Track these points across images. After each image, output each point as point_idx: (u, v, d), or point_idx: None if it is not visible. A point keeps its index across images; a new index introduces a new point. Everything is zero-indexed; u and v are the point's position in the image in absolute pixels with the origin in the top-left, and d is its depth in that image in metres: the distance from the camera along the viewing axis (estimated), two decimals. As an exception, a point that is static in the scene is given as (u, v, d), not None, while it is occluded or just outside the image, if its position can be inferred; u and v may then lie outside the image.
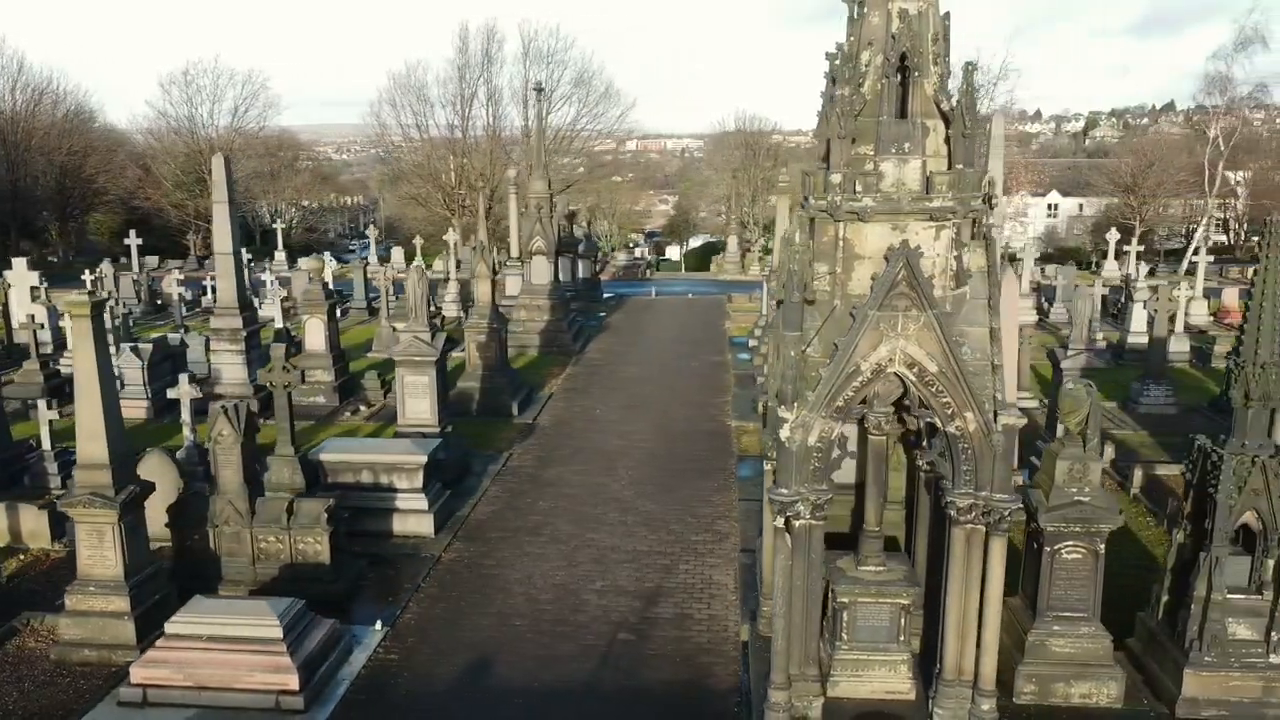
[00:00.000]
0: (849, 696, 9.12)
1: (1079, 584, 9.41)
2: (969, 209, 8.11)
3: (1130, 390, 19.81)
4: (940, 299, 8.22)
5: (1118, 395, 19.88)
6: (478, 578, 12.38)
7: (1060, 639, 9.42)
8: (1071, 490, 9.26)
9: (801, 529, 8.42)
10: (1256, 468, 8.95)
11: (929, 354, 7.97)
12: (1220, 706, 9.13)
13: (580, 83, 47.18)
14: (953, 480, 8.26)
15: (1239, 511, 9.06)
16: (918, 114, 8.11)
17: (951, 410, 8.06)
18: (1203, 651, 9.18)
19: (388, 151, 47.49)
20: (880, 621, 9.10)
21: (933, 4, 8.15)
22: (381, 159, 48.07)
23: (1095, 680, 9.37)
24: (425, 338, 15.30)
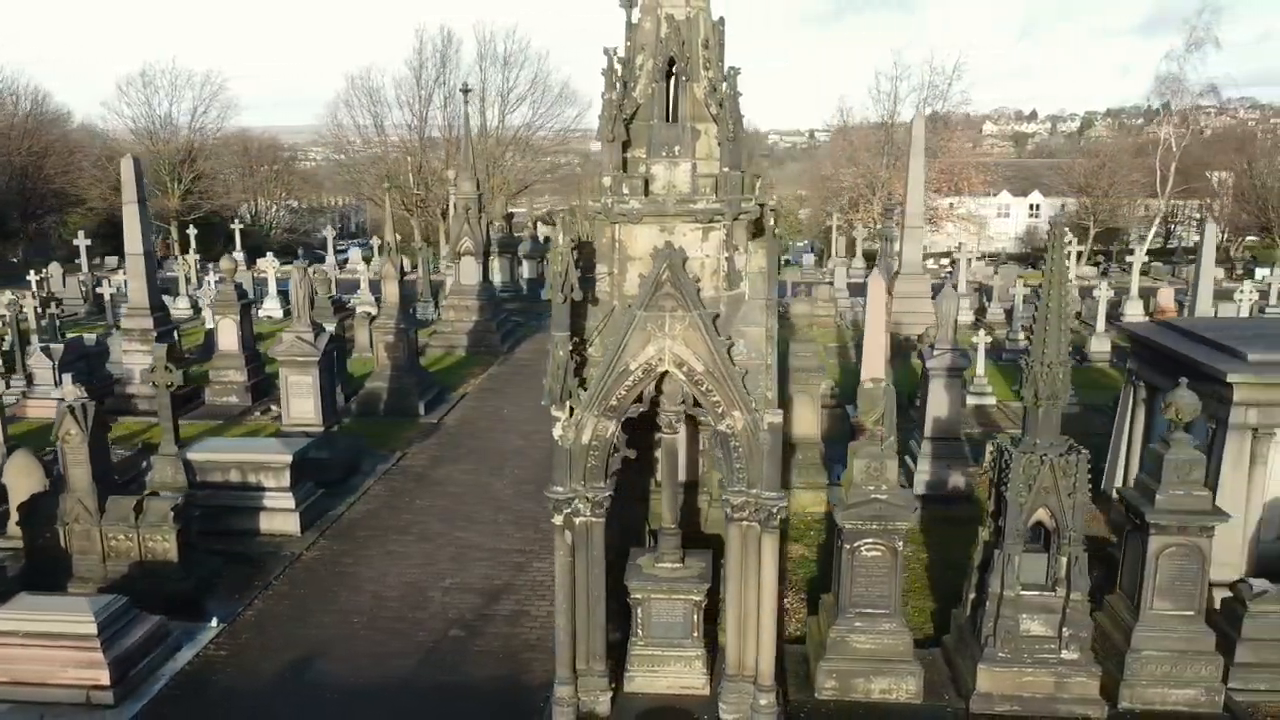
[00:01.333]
0: (644, 691, 9.25)
1: (879, 581, 9.53)
2: (739, 211, 8.24)
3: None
4: (713, 299, 8.37)
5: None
6: (331, 575, 12.51)
7: (861, 635, 9.54)
8: (869, 488, 9.37)
9: (582, 526, 8.56)
10: (1046, 466, 9.07)
11: (695, 354, 8.11)
12: (1013, 702, 9.25)
13: (535, 84, 47.36)
14: (727, 478, 8.40)
15: (1030, 509, 9.17)
16: (688, 118, 8.24)
17: (721, 409, 8.20)
18: (996, 648, 9.31)
19: (343, 152, 47.61)
20: (674, 618, 9.22)
21: (704, 10, 8.29)
22: (339, 160, 48.23)
23: (895, 676, 9.49)
24: (308, 338, 15.42)
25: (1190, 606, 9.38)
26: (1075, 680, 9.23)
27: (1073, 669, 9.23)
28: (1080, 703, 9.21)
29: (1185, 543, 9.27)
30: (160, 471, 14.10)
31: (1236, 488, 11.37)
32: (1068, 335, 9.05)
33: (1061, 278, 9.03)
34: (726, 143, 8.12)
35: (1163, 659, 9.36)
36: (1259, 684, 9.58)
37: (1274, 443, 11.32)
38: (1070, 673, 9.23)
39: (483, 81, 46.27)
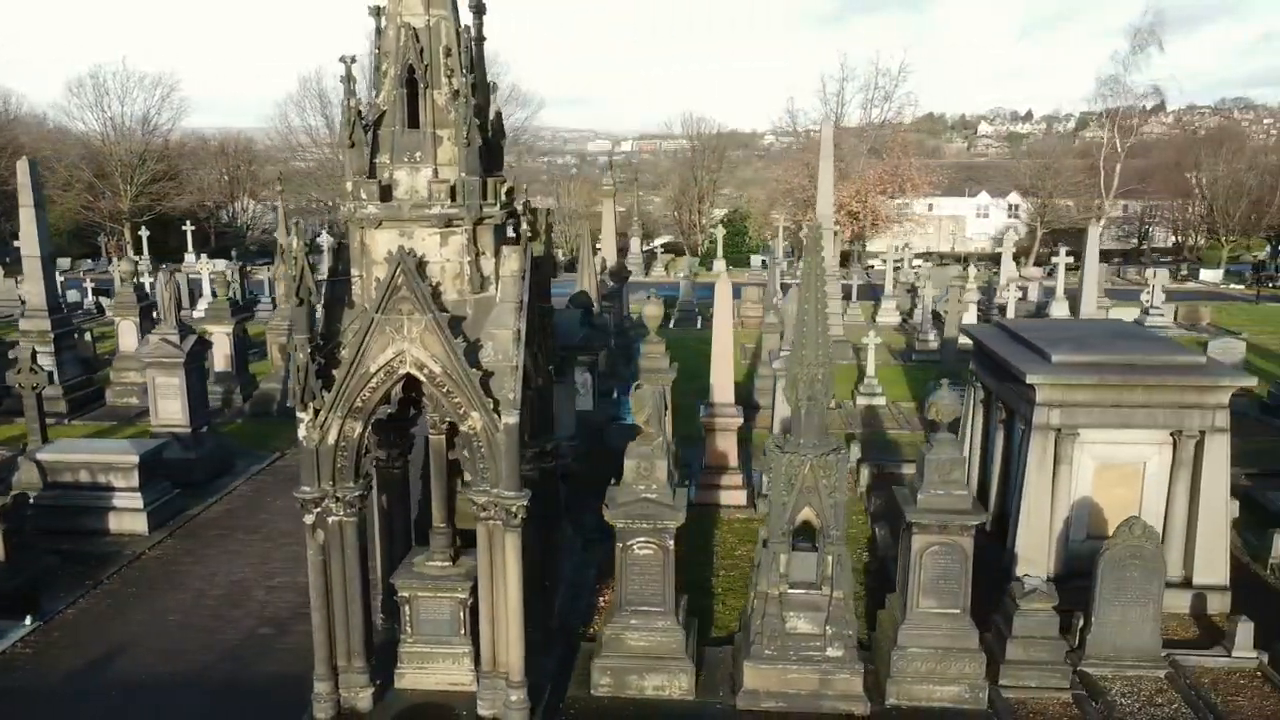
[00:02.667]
0: (414, 688, 9.39)
1: (652, 579, 9.67)
2: (479, 216, 8.39)
3: (925, 390, 20.09)
4: (458, 303, 8.52)
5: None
6: (164, 574, 12.65)
7: (636, 633, 9.69)
8: (640, 487, 9.52)
9: (335, 525, 8.70)
10: (807, 466, 9.22)
11: (433, 356, 8.25)
12: (779, 699, 9.39)
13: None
14: (474, 478, 8.55)
15: (794, 509, 9.32)
16: (430, 124, 8.39)
17: (463, 410, 8.34)
18: (763, 645, 9.46)
19: (294, 153, 47.73)
20: (441, 615, 9.36)
21: (446, 18, 8.44)
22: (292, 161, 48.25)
23: (668, 673, 9.64)
24: (174, 340, 15.57)
25: (955, 605, 9.53)
26: (839, 677, 9.37)
27: (837, 666, 9.38)
28: (844, 699, 9.35)
29: (947, 541, 9.42)
30: (25, 473, 14.28)
31: (1041, 488, 11.54)
32: (827, 338, 9.18)
33: (818, 281, 9.17)
34: (464, 148, 8.27)
35: (927, 656, 9.51)
36: (1029, 681, 9.72)
37: (1078, 443, 11.47)
38: (834, 670, 9.38)
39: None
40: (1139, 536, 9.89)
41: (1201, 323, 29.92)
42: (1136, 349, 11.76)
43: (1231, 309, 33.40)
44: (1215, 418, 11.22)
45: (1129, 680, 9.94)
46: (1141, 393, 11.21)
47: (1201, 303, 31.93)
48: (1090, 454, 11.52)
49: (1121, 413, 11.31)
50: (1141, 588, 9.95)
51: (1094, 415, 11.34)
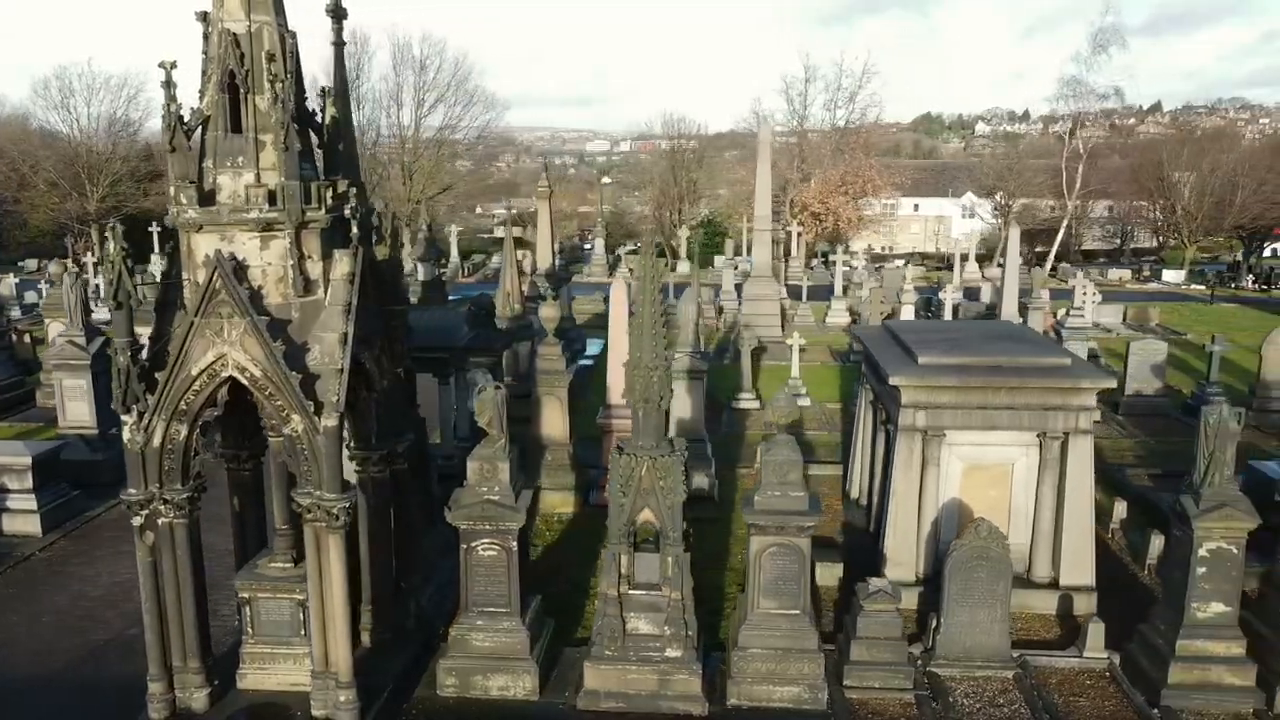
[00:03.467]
0: (255, 688, 9.46)
1: (497, 580, 9.74)
2: (302, 220, 8.45)
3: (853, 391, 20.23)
4: (282, 306, 8.57)
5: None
6: (50, 575, 12.73)
7: (481, 634, 9.76)
8: (482, 489, 9.59)
9: (165, 527, 8.77)
10: (643, 468, 9.28)
11: (253, 359, 8.30)
12: (619, 699, 9.46)
13: (452, 86, 47.56)
14: (299, 480, 8.61)
15: (632, 510, 9.38)
16: (252, 129, 8.45)
17: (285, 412, 8.40)
18: (603, 645, 9.52)
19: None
20: (282, 616, 9.43)
21: (269, 24, 8.49)
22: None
23: (512, 673, 9.71)
24: (79, 341, 15.64)
25: (794, 605, 9.59)
26: (678, 677, 9.44)
27: (675, 666, 9.44)
28: (682, 699, 9.41)
29: (785, 542, 9.48)
30: (-68, 473, 14.35)
31: (909, 489, 11.61)
32: (662, 340, 9.24)
33: (653, 284, 9.23)
34: (282, 153, 8.33)
35: (768, 656, 9.57)
36: (873, 681, 9.77)
37: (946, 445, 11.53)
38: (673, 670, 9.44)
39: (398, 84, 46.60)
40: (985, 538, 9.94)
41: (1150, 323, 29.96)
42: (1005, 350, 11.81)
43: (1185, 310, 33.42)
44: (1079, 419, 11.28)
45: (976, 681, 10.00)
46: (1005, 394, 11.28)
47: (1152, 304, 31.95)
48: (958, 455, 11.59)
49: (987, 414, 11.36)
50: (989, 589, 10.01)
51: (959, 417, 11.40)
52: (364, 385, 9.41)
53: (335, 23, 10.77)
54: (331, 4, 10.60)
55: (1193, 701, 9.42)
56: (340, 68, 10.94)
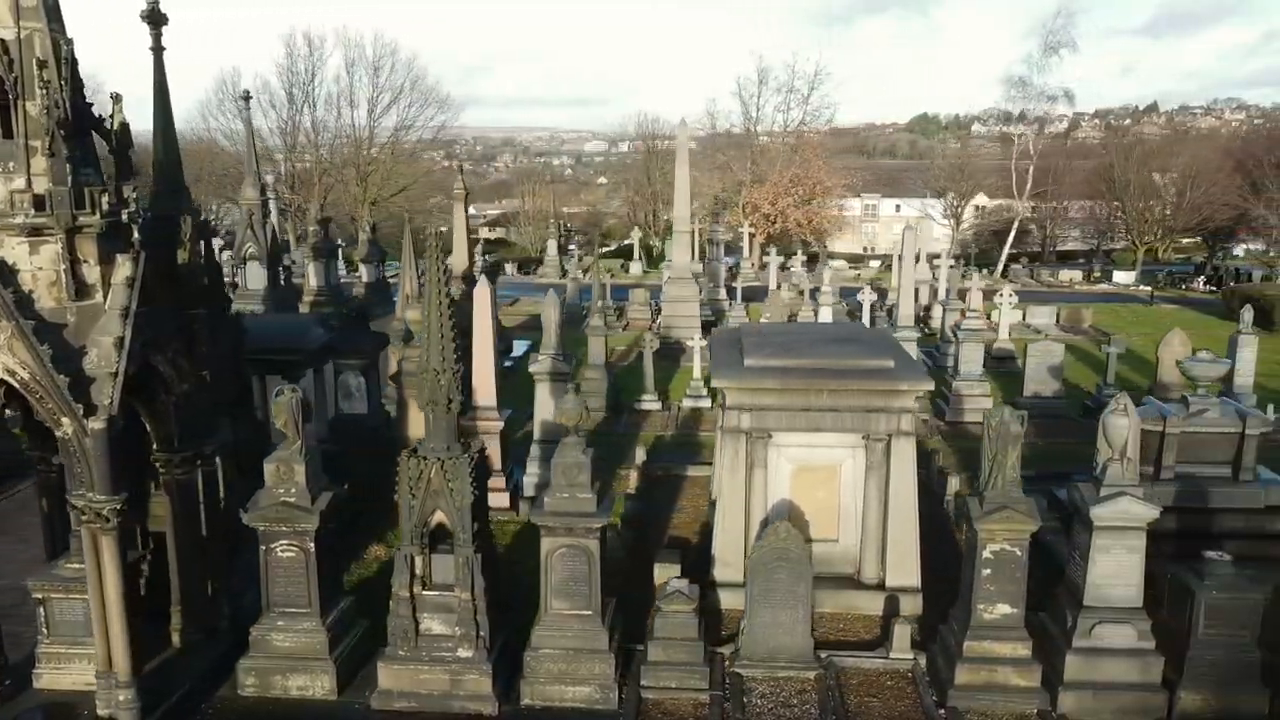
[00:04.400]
0: (51, 688, 9.58)
1: (296, 581, 9.82)
2: (73, 225, 8.54)
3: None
4: (57, 310, 8.66)
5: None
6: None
7: (281, 634, 9.85)
8: (279, 491, 9.68)
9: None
10: (433, 469, 9.36)
11: (21, 362, 8.39)
12: (411, 698, 9.55)
13: (408, 89, 47.73)
14: (72, 483, 8.70)
15: (423, 512, 9.46)
16: (23, 135, 8.53)
17: (56, 415, 8.49)
18: (396, 645, 9.61)
19: (213, 157, 47.88)
20: (76, 616, 9.52)
21: (41, 30, 8.57)
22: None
23: (311, 673, 9.80)
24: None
25: (586, 606, 9.68)
26: (469, 677, 9.53)
27: (467, 666, 9.53)
28: (473, 699, 9.51)
29: (573, 544, 9.57)
30: None
31: (735, 490, 11.69)
32: (450, 345, 9.32)
33: (440, 290, 9.31)
34: (49, 159, 8.42)
35: (559, 657, 9.66)
36: (669, 681, 9.86)
37: (774, 446, 11.61)
38: (464, 670, 9.53)
39: (351, 86, 46.73)
40: (784, 539, 10.02)
41: (1083, 325, 30.03)
42: (835, 353, 11.88)
43: (1123, 311, 33.47)
44: (901, 421, 11.36)
45: (778, 681, 10.08)
46: (828, 396, 11.35)
47: (1086, 305, 32.00)
48: (787, 457, 11.67)
49: (811, 416, 11.44)
50: (790, 590, 10.09)
51: (784, 419, 11.48)
52: (161, 388, 9.52)
53: (153, 29, 10.87)
54: (148, 10, 10.69)
55: (978, 702, 9.51)
56: (160, 74, 11.03)
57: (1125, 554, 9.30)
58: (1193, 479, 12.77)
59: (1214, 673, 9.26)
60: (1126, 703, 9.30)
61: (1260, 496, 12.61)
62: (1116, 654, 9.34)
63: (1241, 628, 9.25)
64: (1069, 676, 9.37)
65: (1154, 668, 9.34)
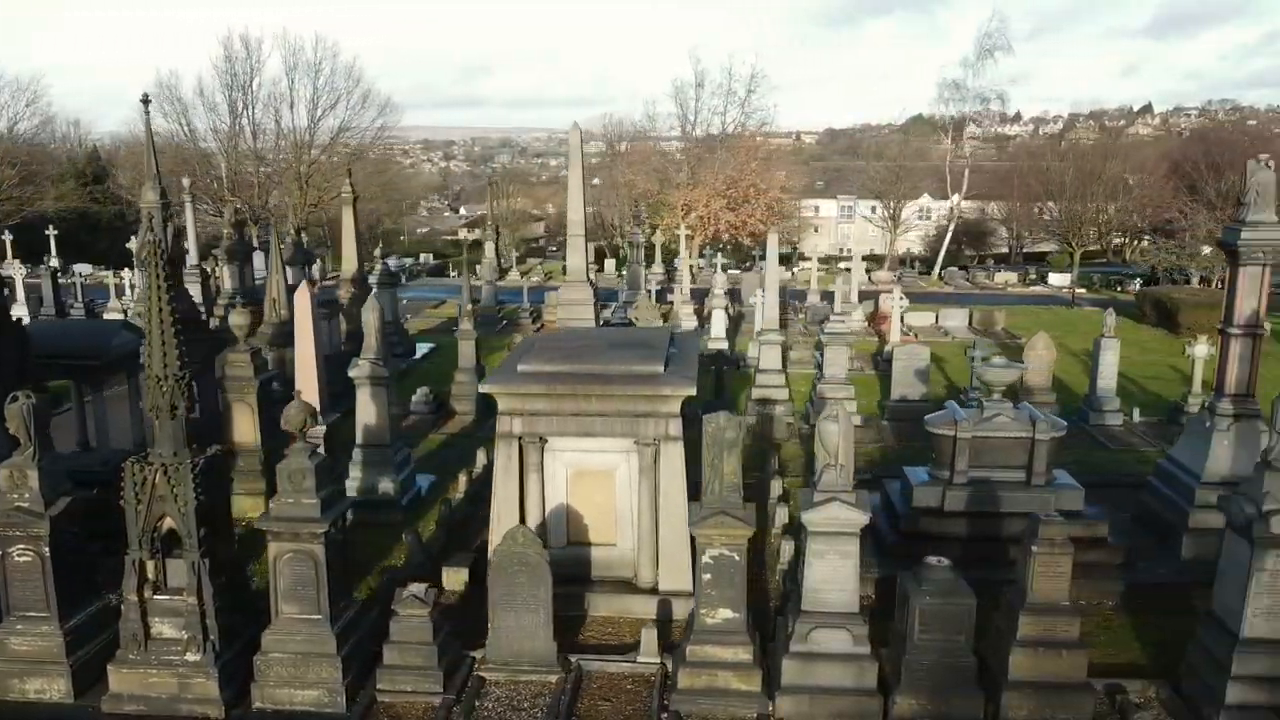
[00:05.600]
0: None
1: (33, 585, 9.89)
2: None
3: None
4: None
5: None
6: None
7: (19, 637, 9.92)
8: (13, 496, 9.75)
9: None
10: (158, 474, 9.44)
11: None
12: (140, 701, 9.62)
13: (347, 92, 47.83)
14: None
15: (149, 516, 9.53)
16: None
17: None
18: (126, 649, 9.69)
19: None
20: None
21: None
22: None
23: (47, 677, 9.87)
24: None
25: (314, 611, 9.74)
26: (196, 681, 9.60)
27: (194, 670, 9.60)
28: (200, 703, 9.58)
29: (299, 549, 9.64)
30: None
31: (508, 495, 11.78)
32: (174, 351, 9.38)
33: (160, 298, 9.36)
34: None
35: (288, 661, 9.72)
36: (405, 685, 9.92)
37: (550, 451, 11.69)
38: (192, 674, 9.60)
39: (291, 88, 46.82)
40: (521, 544, 10.09)
41: (995, 327, 30.08)
42: (613, 359, 11.94)
43: (1044, 314, 33.51)
44: (668, 426, 11.42)
45: (518, 684, 10.15)
46: (597, 401, 11.43)
47: (998, 307, 32.04)
48: (564, 461, 11.75)
49: (582, 421, 11.52)
50: (530, 593, 10.16)
51: (555, 424, 11.56)
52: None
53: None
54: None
55: (700, 706, 9.58)
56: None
57: (839, 559, 9.36)
58: (987, 483, 12.83)
59: (930, 677, 9.31)
60: (843, 707, 9.37)
61: (1051, 501, 12.63)
62: (832, 658, 9.41)
63: (956, 632, 9.30)
64: (786, 681, 9.44)
65: (869, 672, 9.41)
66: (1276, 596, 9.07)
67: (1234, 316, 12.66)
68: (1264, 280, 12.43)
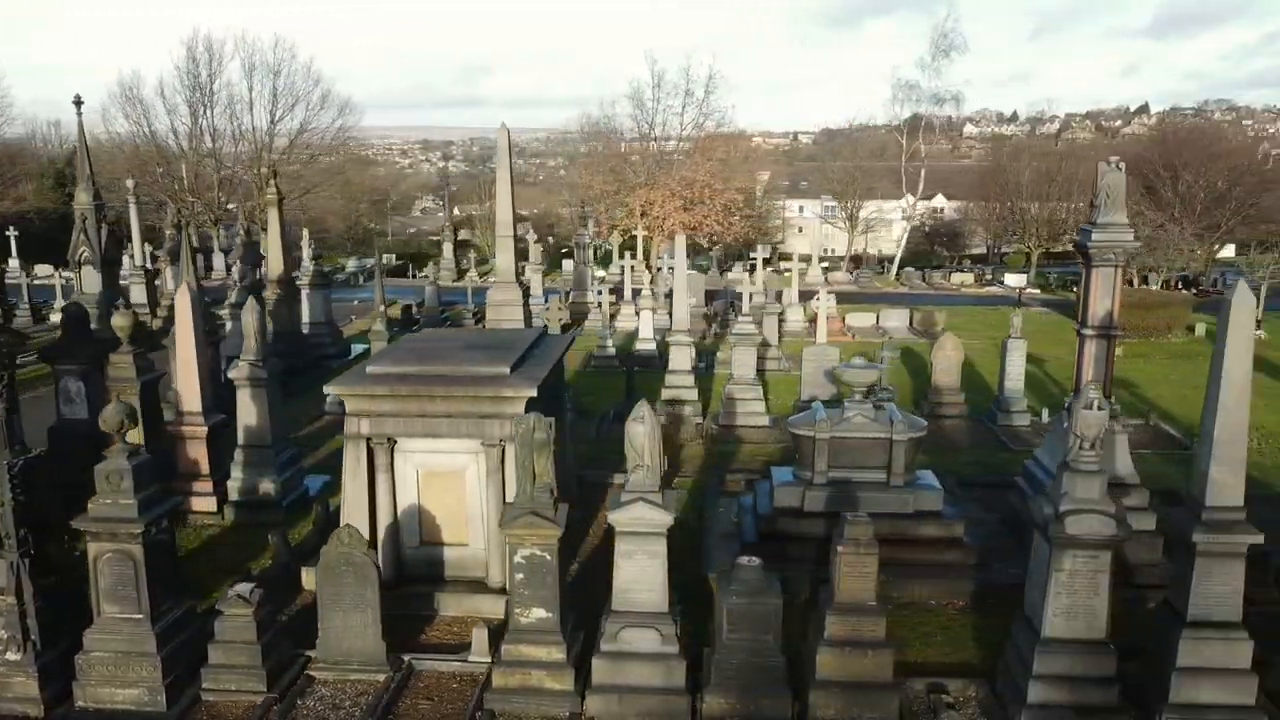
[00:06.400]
0: None
1: None
2: None
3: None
4: None
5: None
6: None
7: None
8: None
9: None
10: (-24, 476, 9.53)
11: None
12: (-42, 700, 9.73)
13: (306, 93, 47.96)
14: None
15: (-31, 518, 9.63)
16: None
17: None
18: (-58, 649, 9.78)
19: (110, 158, 48.05)
20: None
21: None
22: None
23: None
24: None
25: (136, 610, 9.81)
26: (16, 680, 9.69)
27: (14, 669, 9.69)
28: (20, 701, 9.68)
29: (118, 549, 9.71)
30: None
31: (357, 496, 11.88)
32: (-10, 352, 9.51)
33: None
34: None
35: (110, 660, 9.79)
36: (229, 684, 10.01)
37: (400, 452, 11.78)
38: (11, 673, 9.70)
39: (250, 90, 46.94)
40: (347, 544, 10.18)
41: (935, 329, 30.13)
42: (463, 360, 12.03)
43: (990, 314, 33.57)
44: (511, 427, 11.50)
45: (347, 684, 10.24)
46: (441, 403, 11.52)
47: (940, 308, 32.11)
48: (414, 462, 11.84)
49: (428, 422, 11.61)
50: (357, 594, 10.24)
51: (402, 425, 11.65)
52: None
53: None
54: None
55: (513, 705, 9.65)
56: None
57: (647, 559, 9.44)
58: (847, 483, 12.90)
59: (739, 676, 9.40)
60: (651, 706, 9.45)
61: (909, 501, 12.73)
62: (641, 658, 9.49)
63: (764, 632, 9.38)
64: (596, 680, 9.52)
65: (677, 672, 9.49)
66: (1075, 596, 9.15)
67: (1088, 317, 12.73)
68: (1116, 281, 12.49)
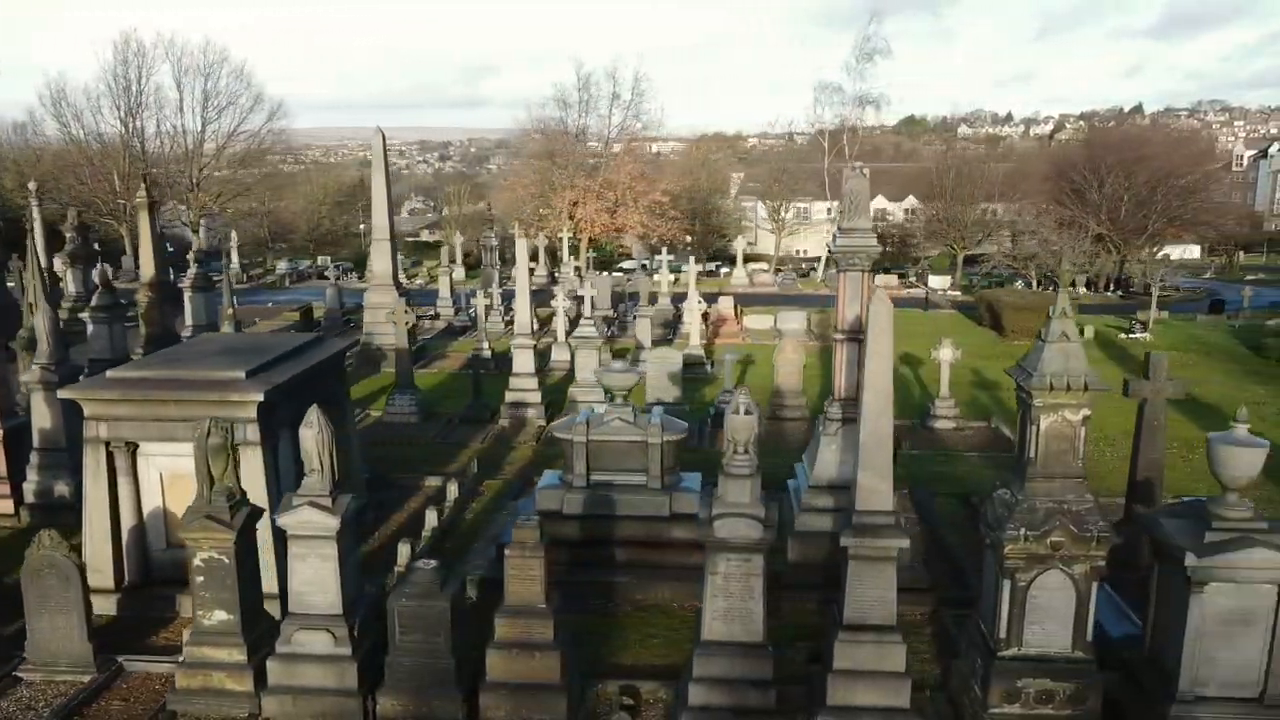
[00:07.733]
0: None
1: None
2: None
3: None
4: None
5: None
6: None
7: None
8: None
9: None
10: None
11: None
12: None
13: (236, 96, 48.12)
14: None
15: None
16: None
17: None
18: None
19: (36, 158, 48.23)
20: None
21: None
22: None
23: None
24: None
25: None
26: None
27: None
28: None
29: None
30: None
31: (99, 499, 11.99)
32: None
33: None
34: None
35: None
36: None
37: (142, 455, 11.89)
38: None
39: (180, 92, 47.10)
40: (49, 547, 10.31)
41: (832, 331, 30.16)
42: (206, 365, 12.15)
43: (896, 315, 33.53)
44: (246, 431, 11.61)
45: (53, 685, 10.38)
46: (175, 407, 11.61)
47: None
48: (156, 465, 11.95)
49: (164, 426, 11.70)
50: (62, 596, 10.37)
51: (139, 429, 11.75)
52: None
53: None
54: None
55: (194, 705, 9.77)
56: None
57: (320, 562, 9.55)
58: (607, 486, 13.00)
59: (412, 678, 9.51)
60: (324, 707, 9.56)
61: (666, 504, 12.84)
62: (314, 659, 9.60)
63: (435, 634, 9.49)
64: (272, 681, 9.64)
65: (349, 673, 9.60)
66: (731, 600, 9.26)
67: (840, 322, 12.83)
68: (864, 285, 12.58)
